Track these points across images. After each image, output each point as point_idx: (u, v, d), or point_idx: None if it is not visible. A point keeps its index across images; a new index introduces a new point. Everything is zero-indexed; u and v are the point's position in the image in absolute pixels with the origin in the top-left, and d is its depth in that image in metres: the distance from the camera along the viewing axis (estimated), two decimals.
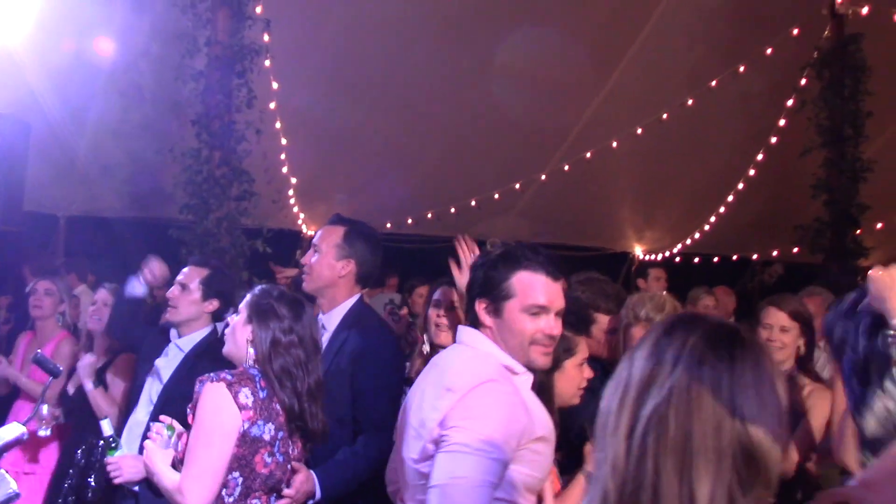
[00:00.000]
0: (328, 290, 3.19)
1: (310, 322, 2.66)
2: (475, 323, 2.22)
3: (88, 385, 3.88)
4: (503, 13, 7.31)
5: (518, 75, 7.75)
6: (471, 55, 7.69)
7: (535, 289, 2.16)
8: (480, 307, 2.20)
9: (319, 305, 3.24)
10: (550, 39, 7.57)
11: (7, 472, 2.31)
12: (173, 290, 3.50)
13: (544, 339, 2.17)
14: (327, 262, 3.18)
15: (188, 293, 3.48)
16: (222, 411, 2.43)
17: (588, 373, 2.70)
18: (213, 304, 3.52)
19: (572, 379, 2.64)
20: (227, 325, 2.77)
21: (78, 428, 4.02)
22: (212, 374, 2.48)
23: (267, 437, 2.49)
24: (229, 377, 2.47)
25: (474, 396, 2.02)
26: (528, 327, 2.15)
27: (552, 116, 8.50)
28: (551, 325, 2.18)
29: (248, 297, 2.67)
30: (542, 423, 2.13)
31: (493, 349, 2.17)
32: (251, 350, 2.58)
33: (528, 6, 7.36)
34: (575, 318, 3.25)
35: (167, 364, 3.46)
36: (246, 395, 2.46)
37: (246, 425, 2.45)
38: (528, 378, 2.20)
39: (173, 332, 3.56)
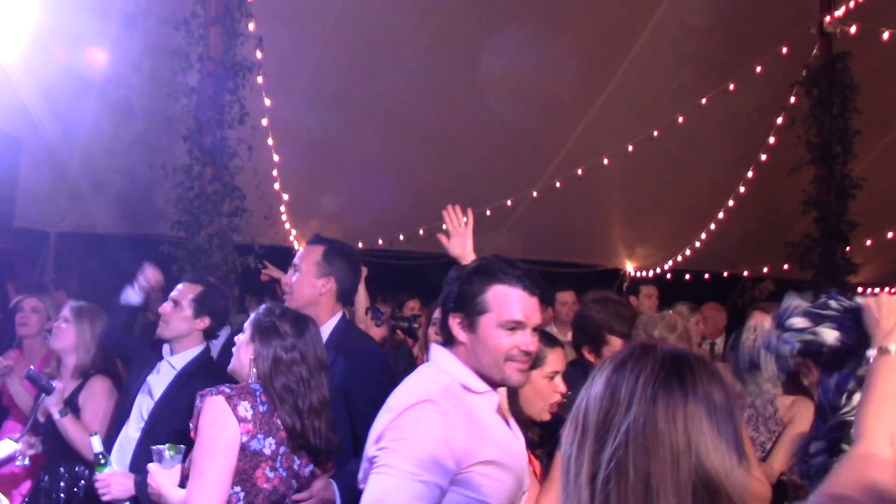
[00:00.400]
0: (310, 308, 3.18)
1: (313, 339, 2.66)
2: (449, 339, 2.12)
3: (55, 414, 3.69)
4: (494, 31, 7.36)
5: (509, 93, 7.80)
6: (462, 74, 7.74)
7: (512, 303, 2.06)
8: (454, 322, 2.10)
9: None
10: (541, 57, 7.64)
11: None
12: (165, 306, 3.50)
13: (520, 355, 2.07)
14: (308, 281, 3.19)
15: (180, 309, 3.47)
16: (222, 422, 2.43)
17: (562, 387, 2.61)
18: (205, 322, 3.50)
19: (540, 390, 2.55)
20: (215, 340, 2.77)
21: (54, 455, 3.87)
22: (212, 389, 2.49)
23: (268, 451, 2.49)
24: (228, 390, 2.49)
25: (407, 416, 1.94)
26: (503, 343, 2.05)
27: (543, 133, 8.55)
28: (527, 340, 2.07)
29: (253, 315, 2.69)
30: (498, 446, 2.02)
31: (455, 367, 2.08)
32: (253, 369, 2.59)
33: (519, 25, 7.41)
34: (587, 337, 3.22)
35: (159, 381, 3.44)
36: (245, 409, 2.47)
37: (245, 438, 2.44)
38: (492, 398, 2.10)
39: (165, 349, 3.54)
